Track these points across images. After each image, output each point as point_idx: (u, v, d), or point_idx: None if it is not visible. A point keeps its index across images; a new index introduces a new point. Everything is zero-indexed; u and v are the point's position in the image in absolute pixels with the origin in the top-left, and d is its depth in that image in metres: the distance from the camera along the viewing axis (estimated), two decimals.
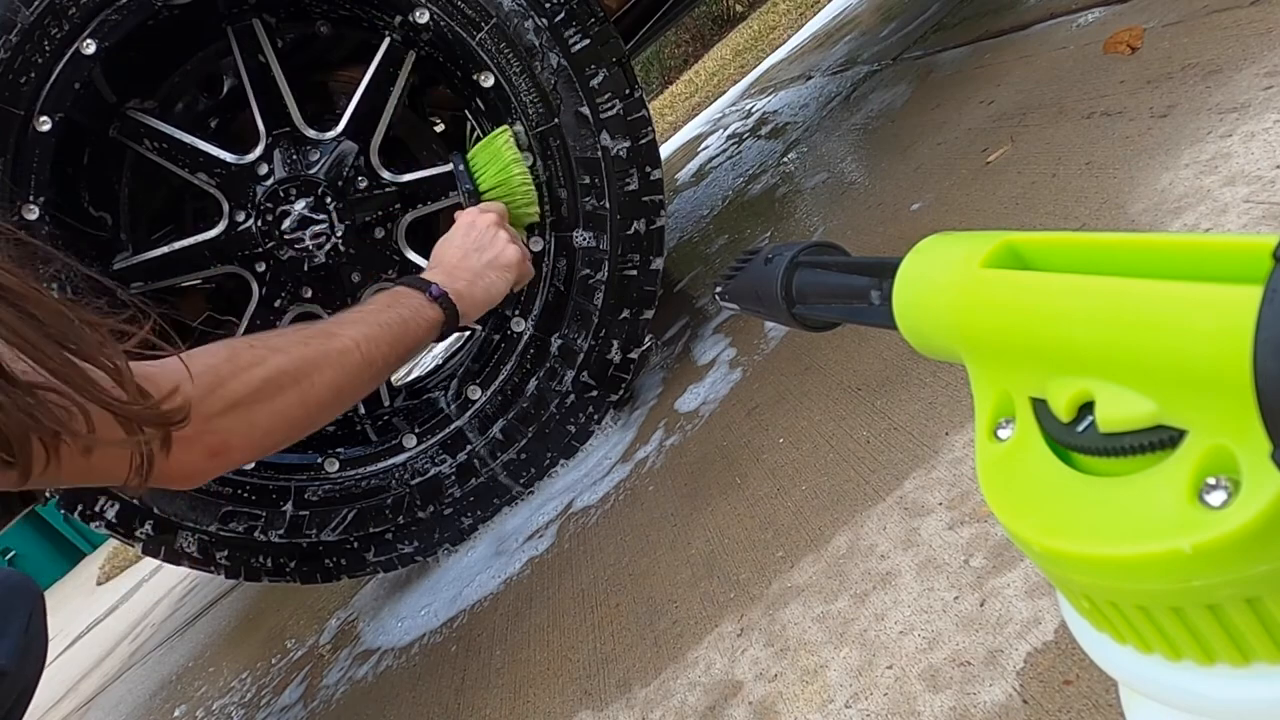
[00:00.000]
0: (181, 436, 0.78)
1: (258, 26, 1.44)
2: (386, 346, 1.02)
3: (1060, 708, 0.58)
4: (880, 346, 1.12)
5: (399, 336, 1.05)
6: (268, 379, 0.88)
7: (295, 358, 0.92)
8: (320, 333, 0.98)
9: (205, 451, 0.83)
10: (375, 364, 1.00)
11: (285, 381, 0.90)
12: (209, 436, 0.82)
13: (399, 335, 1.05)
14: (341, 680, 1.47)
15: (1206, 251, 0.26)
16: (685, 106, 5.63)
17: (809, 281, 0.44)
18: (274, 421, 0.89)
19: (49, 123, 1.31)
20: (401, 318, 1.06)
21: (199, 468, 0.83)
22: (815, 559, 0.87)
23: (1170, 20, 1.34)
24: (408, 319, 1.07)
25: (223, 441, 0.84)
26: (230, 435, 0.84)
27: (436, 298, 1.12)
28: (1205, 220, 0.90)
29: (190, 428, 0.78)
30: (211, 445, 0.83)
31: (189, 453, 0.81)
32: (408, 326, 1.06)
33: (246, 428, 0.86)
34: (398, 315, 1.06)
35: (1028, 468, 0.30)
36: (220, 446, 0.84)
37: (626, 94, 1.40)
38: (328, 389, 0.94)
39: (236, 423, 0.85)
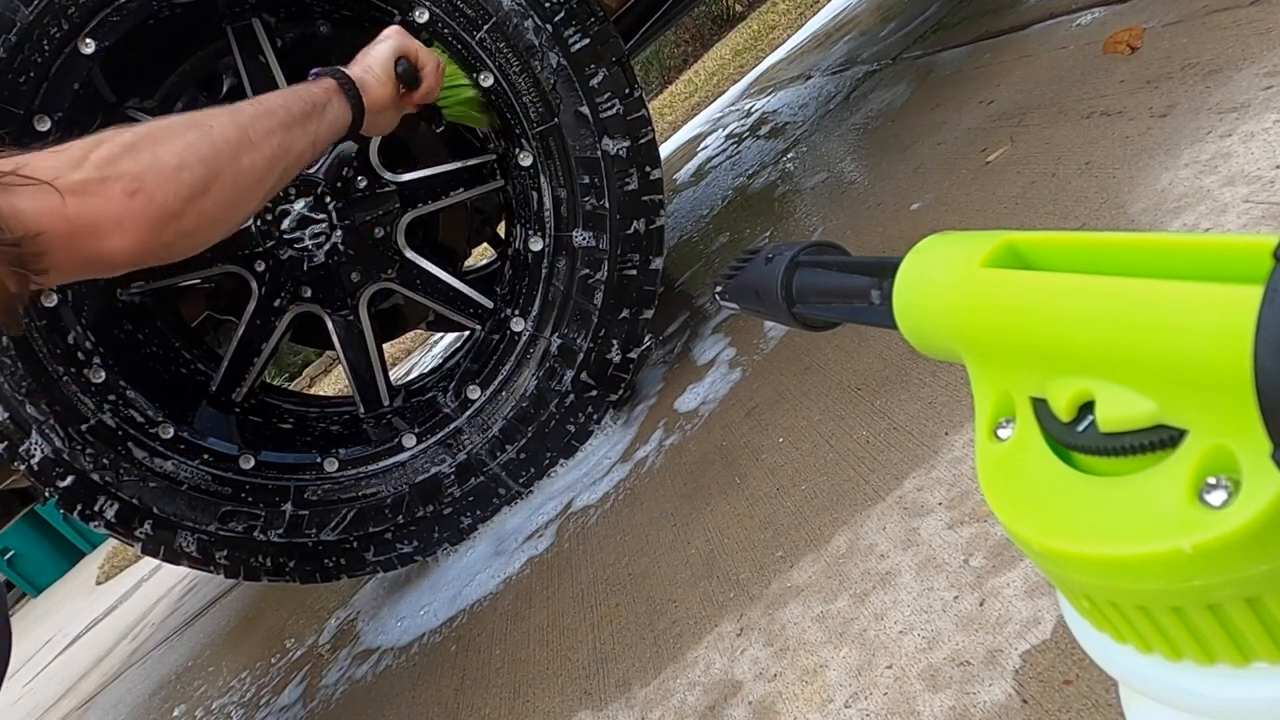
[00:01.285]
0: (85, 185, 0.78)
1: (257, 26, 1.44)
2: (281, 99, 1.03)
3: (1060, 707, 0.58)
4: (880, 346, 1.12)
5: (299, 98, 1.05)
6: (155, 125, 0.88)
7: (180, 116, 0.92)
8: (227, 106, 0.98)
9: (120, 193, 0.81)
10: (274, 113, 1.00)
11: (177, 124, 0.89)
12: (114, 182, 0.81)
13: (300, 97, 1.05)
14: (341, 680, 1.47)
15: (1206, 251, 0.26)
16: (685, 106, 5.63)
17: (809, 281, 0.44)
18: (184, 156, 0.87)
19: (48, 122, 1.31)
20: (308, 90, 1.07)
21: (123, 211, 0.81)
22: (815, 559, 0.87)
23: (1170, 20, 1.34)
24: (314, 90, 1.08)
25: (134, 180, 0.82)
26: (140, 174, 0.83)
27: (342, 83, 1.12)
28: (1205, 220, 0.90)
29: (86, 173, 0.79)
30: (123, 187, 0.81)
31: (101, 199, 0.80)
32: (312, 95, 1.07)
33: (155, 165, 0.84)
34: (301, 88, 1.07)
35: (1028, 467, 0.30)
36: (133, 185, 0.82)
37: (626, 93, 1.40)
38: (231, 129, 0.93)
39: (138, 162, 0.84)
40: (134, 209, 0.82)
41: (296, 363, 8.38)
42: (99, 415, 1.39)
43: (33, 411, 1.36)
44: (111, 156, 0.82)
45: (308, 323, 1.56)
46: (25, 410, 1.35)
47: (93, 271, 0.85)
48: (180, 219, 0.86)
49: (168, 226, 0.85)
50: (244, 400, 1.55)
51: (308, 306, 1.52)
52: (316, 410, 1.68)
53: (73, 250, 0.79)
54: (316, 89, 1.09)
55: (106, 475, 1.40)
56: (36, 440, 1.36)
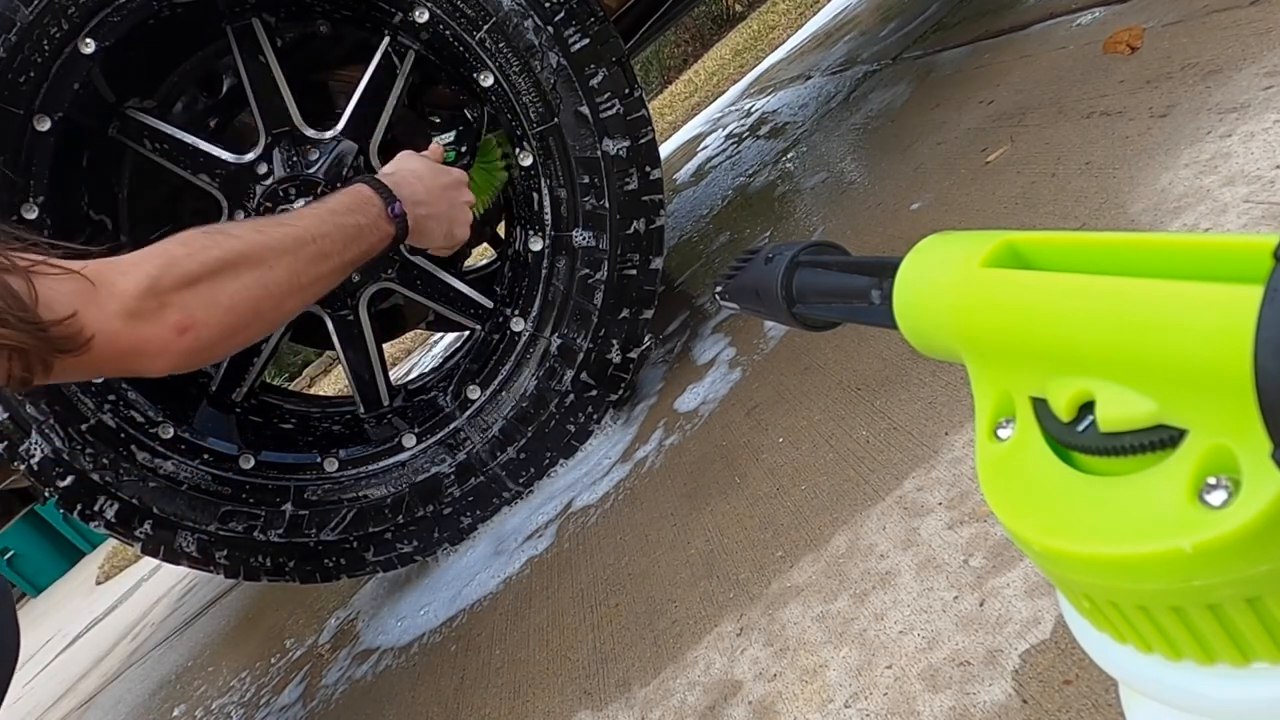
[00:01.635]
0: (143, 311, 0.83)
1: (257, 26, 1.44)
2: (340, 245, 1.05)
3: (1060, 707, 0.58)
4: (880, 346, 1.12)
5: (352, 239, 1.07)
6: (224, 259, 0.91)
7: (251, 242, 0.95)
8: (276, 222, 1.02)
9: (172, 327, 0.86)
10: (330, 259, 1.03)
11: (242, 262, 0.93)
12: (171, 312, 0.86)
13: (353, 238, 1.07)
14: (341, 680, 1.47)
15: (1206, 251, 0.26)
16: (685, 106, 5.63)
17: (809, 281, 0.44)
18: (236, 300, 0.92)
19: (48, 122, 1.31)
20: (359, 224, 1.09)
21: (169, 344, 0.86)
22: (815, 559, 0.87)
23: (1170, 20, 1.34)
24: (364, 226, 1.09)
25: (188, 317, 0.87)
26: (194, 311, 0.88)
27: (396, 217, 1.14)
28: (1205, 220, 0.90)
29: (150, 302, 0.84)
30: (177, 321, 0.86)
31: (155, 327, 0.85)
32: (362, 233, 1.09)
33: (209, 304, 0.89)
34: (355, 221, 1.08)
35: (1028, 467, 0.30)
36: (186, 322, 0.87)
37: (626, 93, 1.40)
38: (286, 273, 0.97)
39: (197, 299, 0.88)
40: (180, 343, 0.88)
41: (296, 363, 8.38)
42: (99, 415, 1.39)
43: (32, 411, 1.36)
44: (175, 287, 0.87)
45: (307, 322, 1.56)
46: (25, 410, 1.35)
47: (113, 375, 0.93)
48: (213, 350, 0.92)
49: (199, 356, 0.91)
50: (244, 400, 1.55)
51: (308, 307, 1.52)
52: (318, 410, 1.68)
53: (110, 363, 0.84)
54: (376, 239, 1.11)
55: (106, 475, 1.40)
56: (36, 440, 1.36)
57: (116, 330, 0.82)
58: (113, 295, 0.82)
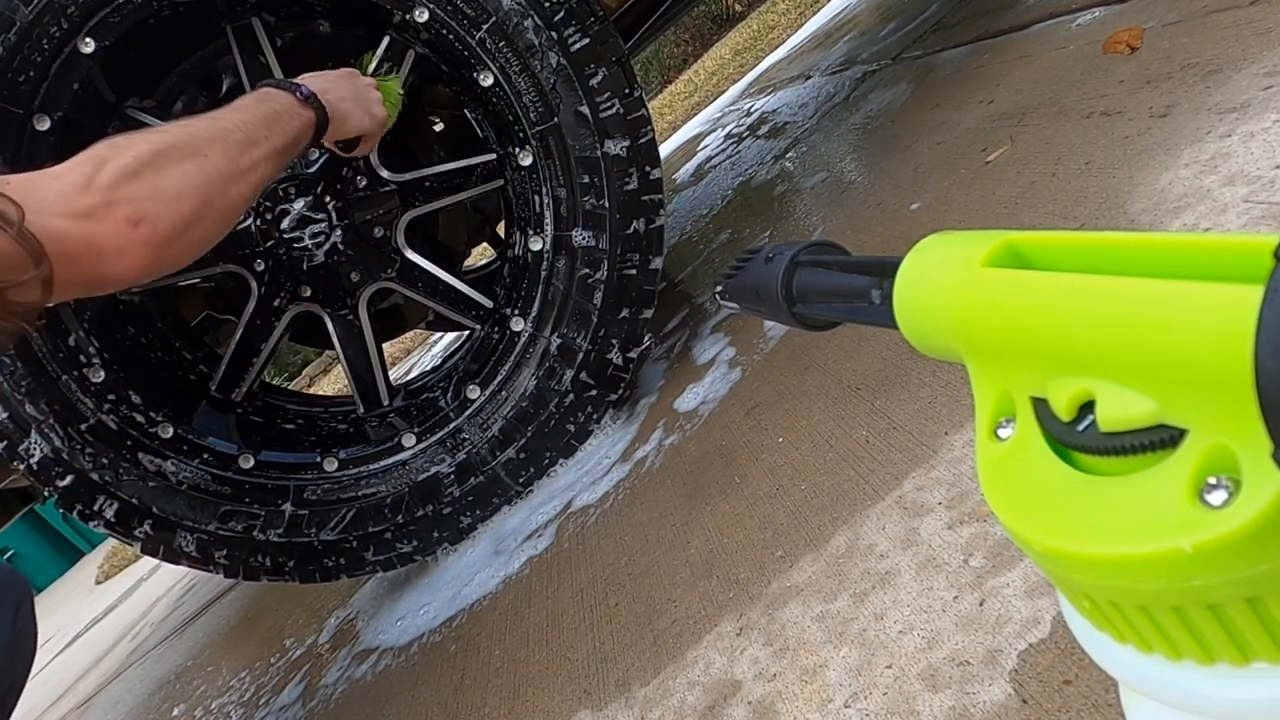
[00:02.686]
0: (90, 209, 0.81)
1: (257, 25, 1.44)
2: (264, 129, 1.05)
3: (1060, 707, 0.58)
4: (880, 346, 1.12)
5: (273, 122, 1.07)
6: (155, 150, 0.90)
7: (177, 135, 0.94)
8: (194, 119, 1.01)
9: (124, 221, 0.84)
10: (259, 144, 1.03)
11: (174, 152, 0.92)
12: (119, 207, 0.84)
13: (273, 121, 1.07)
14: (340, 679, 1.47)
15: (1207, 251, 0.26)
16: (684, 106, 5.63)
17: (809, 281, 0.44)
18: (181, 186, 0.90)
19: (47, 121, 1.31)
20: (274, 110, 1.09)
21: (126, 239, 0.84)
22: (814, 558, 0.87)
23: (1170, 20, 1.34)
24: (280, 112, 1.09)
25: (137, 209, 0.85)
26: (142, 203, 0.86)
27: (306, 98, 1.14)
28: (1205, 220, 0.90)
29: (93, 198, 0.82)
30: (127, 215, 0.84)
31: (105, 224, 0.82)
32: (280, 117, 1.09)
33: (154, 194, 0.87)
34: (270, 108, 1.09)
35: (1028, 467, 0.30)
36: (136, 215, 0.85)
37: (626, 93, 1.40)
38: (222, 159, 0.96)
39: (140, 190, 0.86)
40: (136, 236, 0.85)
41: (296, 362, 8.38)
42: (99, 415, 1.39)
43: (32, 411, 1.36)
44: (115, 181, 0.85)
45: (307, 322, 1.56)
46: (25, 409, 1.35)
47: (89, 291, 0.88)
48: (174, 245, 0.90)
49: (163, 253, 0.88)
50: (244, 400, 1.55)
51: (307, 306, 1.52)
52: (319, 410, 1.68)
53: (75, 271, 0.81)
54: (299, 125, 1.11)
55: (106, 475, 1.40)
56: (36, 439, 1.36)
57: (65, 231, 0.79)
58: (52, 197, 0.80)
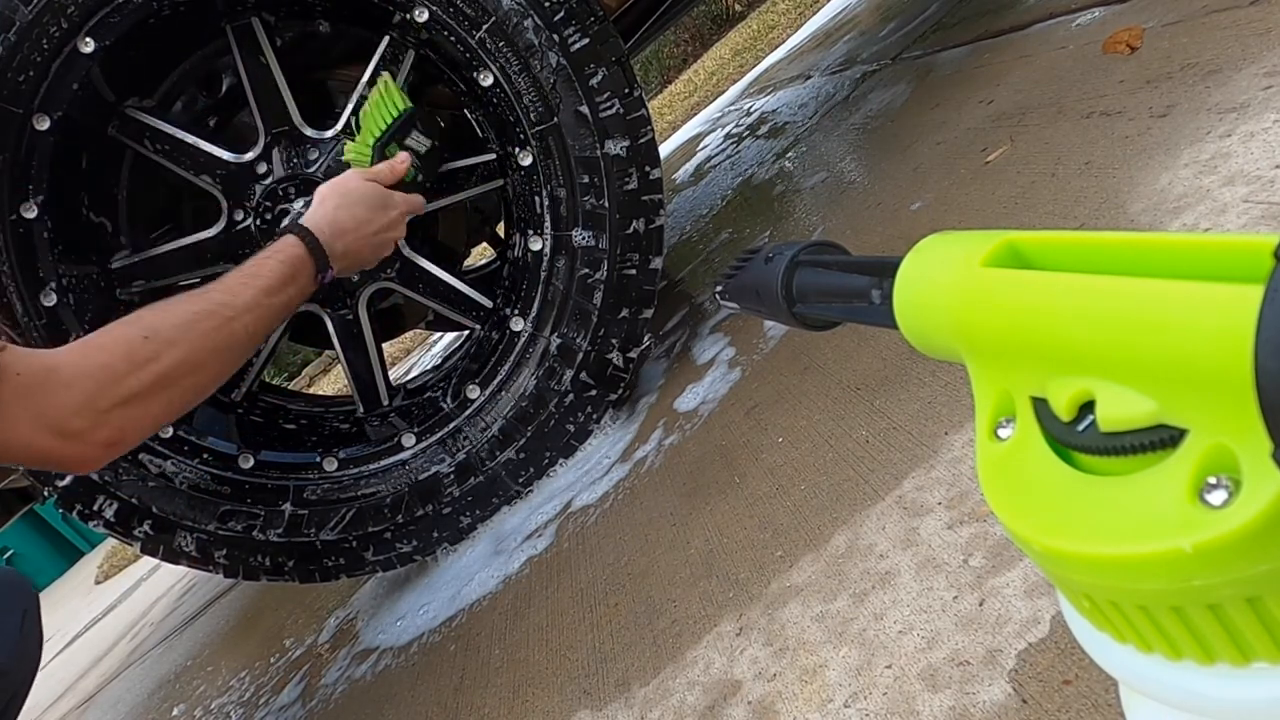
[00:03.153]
0: (76, 431, 0.83)
1: (257, 25, 1.44)
2: (271, 326, 1.07)
3: (1059, 707, 0.58)
4: (879, 346, 1.12)
5: (283, 314, 1.09)
6: (164, 375, 0.91)
7: (192, 350, 0.95)
8: (217, 316, 1.00)
9: (102, 444, 0.86)
10: (258, 339, 1.04)
11: (181, 375, 0.93)
12: (105, 430, 0.86)
13: (283, 313, 1.09)
14: (340, 679, 1.47)
15: (1207, 251, 0.26)
16: (684, 106, 5.63)
17: (809, 281, 0.44)
18: (168, 409, 0.92)
19: (47, 121, 1.31)
20: (290, 299, 1.10)
21: (94, 457, 0.87)
22: (814, 558, 0.87)
23: (1170, 20, 1.34)
24: (293, 299, 1.10)
25: (118, 431, 0.87)
26: (126, 426, 0.88)
27: (324, 284, 1.16)
28: (1205, 220, 0.90)
29: (85, 422, 0.83)
30: (108, 437, 0.86)
31: (83, 445, 0.84)
32: (291, 306, 1.10)
33: (141, 417, 0.89)
34: (288, 296, 1.09)
35: (1028, 467, 0.30)
36: (116, 437, 0.87)
37: (625, 93, 1.40)
38: (218, 369, 0.98)
39: (131, 415, 0.88)
40: (105, 455, 0.88)
41: (296, 362, 8.38)
42: None
43: None
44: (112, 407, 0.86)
45: (307, 322, 1.56)
46: None
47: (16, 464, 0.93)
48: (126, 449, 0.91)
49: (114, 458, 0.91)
50: (243, 400, 1.55)
51: (307, 305, 1.52)
52: (319, 410, 1.68)
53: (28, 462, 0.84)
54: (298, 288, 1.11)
55: (105, 475, 1.40)
56: None
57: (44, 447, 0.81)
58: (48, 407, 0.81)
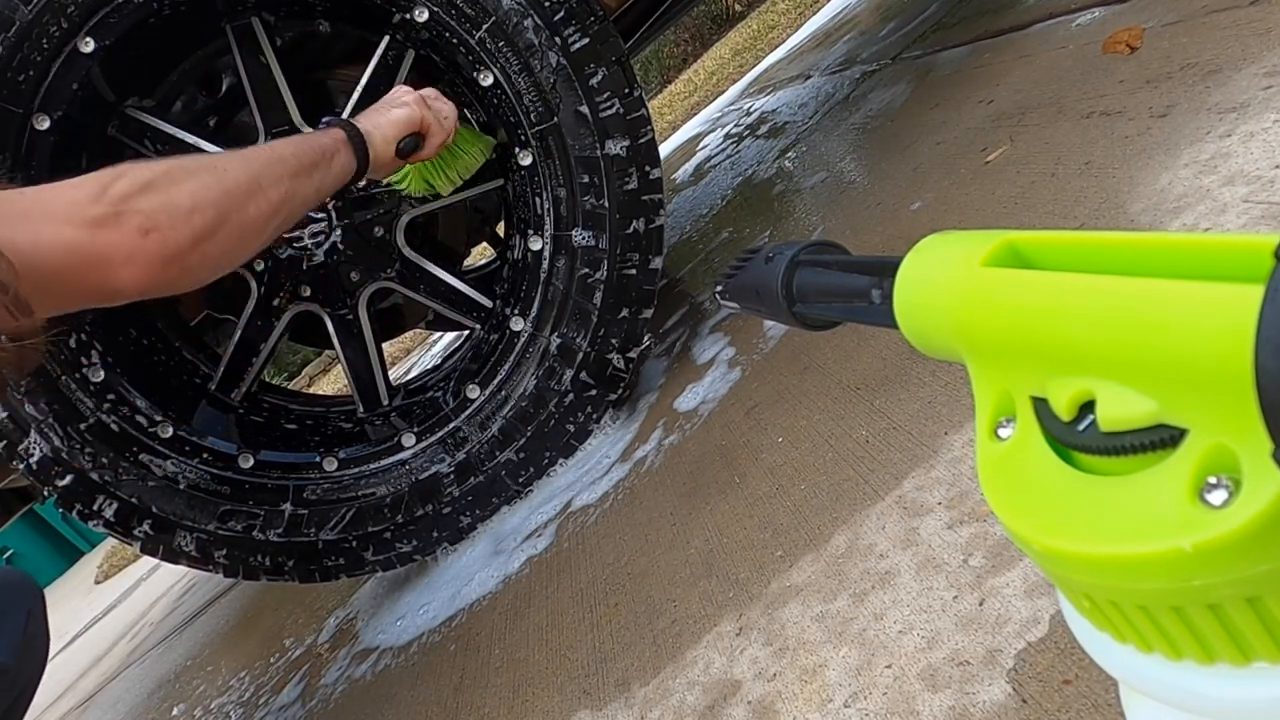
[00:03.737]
0: (102, 218, 0.81)
1: (257, 25, 1.44)
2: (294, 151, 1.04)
3: (1059, 707, 0.58)
4: (879, 346, 1.12)
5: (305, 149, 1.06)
6: (172, 165, 0.90)
7: (196, 158, 0.94)
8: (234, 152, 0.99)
9: (135, 230, 0.83)
10: (285, 161, 1.02)
11: (191, 165, 0.92)
12: (130, 217, 0.83)
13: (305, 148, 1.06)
14: (340, 679, 1.47)
15: (1207, 251, 0.26)
16: (684, 106, 5.63)
17: (809, 280, 0.44)
18: (196, 198, 0.89)
19: (47, 121, 1.31)
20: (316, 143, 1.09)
21: (136, 248, 0.84)
22: (814, 558, 0.87)
23: (1170, 20, 1.34)
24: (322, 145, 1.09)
25: (149, 219, 0.85)
26: (155, 214, 0.85)
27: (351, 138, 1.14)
28: (1204, 220, 0.90)
29: (106, 208, 0.81)
30: (139, 224, 0.84)
31: (116, 233, 0.82)
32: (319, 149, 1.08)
33: (168, 205, 0.87)
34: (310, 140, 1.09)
35: (1028, 467, 0.30)
36: (148, 224, 0.84)
37: (625, 93, 1.40)
38: (242, 175, 0.95)
39: (154, 201, 0.86)
40: (147, 247, 0.84)
41: (296, 362, 8.38)
42: (98, 414, 1.39)
43: (31, 410, 1.35)
44: (128, 193, 0.84)
45: (307, 322, 1.56)
46: (24, 409, 1.35)
47: (96, 302, 0.87)
48: (186, 258, 0.88)
49: (174, 265, 0.87)
50: (243, 399, 1.55)
51: (307, 305, 1.52)
52: (319, 409, 1.68)
53: (82, 281, 0.81)
54: (327, 140, 1.11)
55: (105, 474, 1.40)
56: (35, 439, 1.36)
57: (74, 240, 0.79)
58: (64, 205, 0.80)
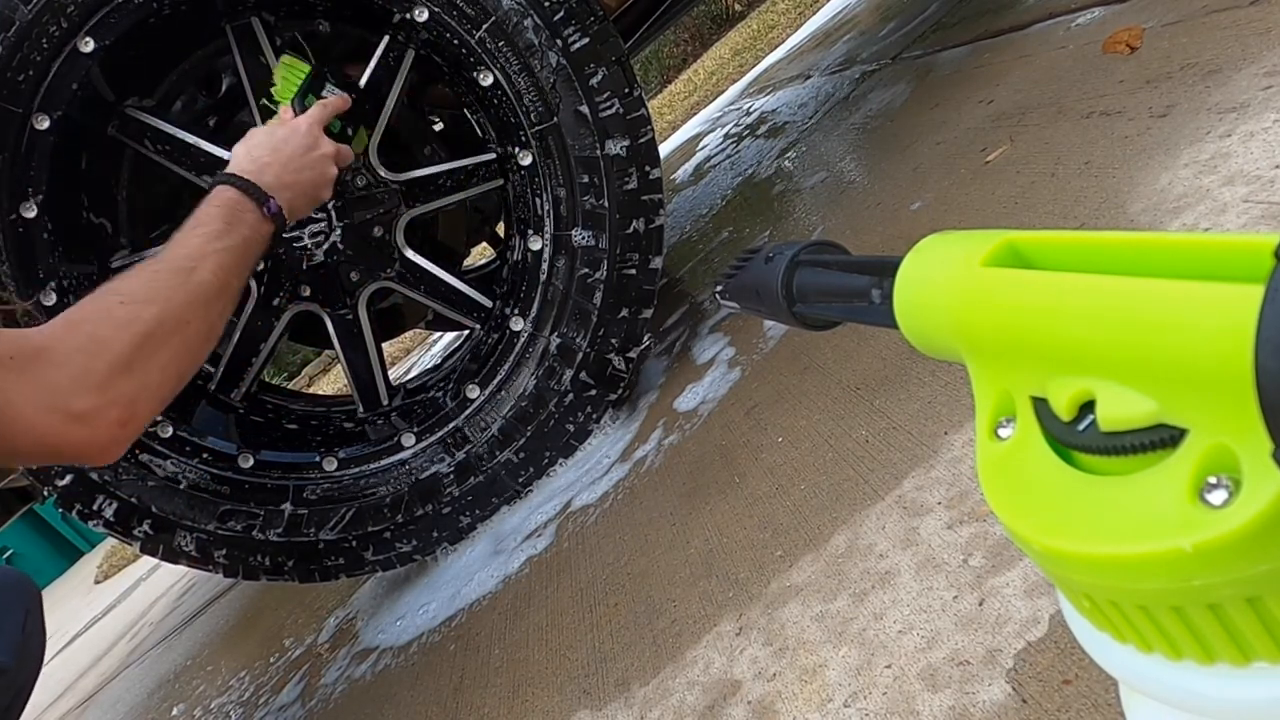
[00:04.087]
0: (85, 412, 0.81)
1: (257, 25, 1.44)
2: (237, 271, 1.04)
3: (1059, 707, 0.58)
4: (879, 346, 1.12)
5: (244, 257, 1.06)
6: (148, 334, 0.89)
7: (167, 305, 0.93)
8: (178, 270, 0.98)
9: (115, 423, 0.84)
10: (230, 289, 1.02)
11: (165, 333, 0.91)
12: (114, 409, 0.84)
13: (244, 257, 1.06)
14: (340, 679, 1.47)
15: (1207, 250, 0.26)
16: (684, 106, 5.63)
17: (810, 280, 0.44)
18: (165, 375, 0.90)
19: (47, 121, 1.31)
20: (245, 239, 1.07)
21: (110, 438, 0.85)
22: (814, 558, 0.87)
23: (1169, 20, 1.34)
24: (249, 239, 1.08)
25: (128, 409, 0.85)
26: (134, 400, 0.86)
27: (273, 215, 1.12)
28: (1204, 220, 0.90)
29: (91, 399, 0.82)
30: (119, 416, 0.85)
31: (98, 429, 0.83)
32: (249, 247, 1.07)
33: (144, 386, 0.87)
34: (241, 237, 1.07)
35: (1028, 467, 0.30)
36: (126, 415, 0.85)
37: (625, 93, 1.40)
38: (202, 325, 0.96)
39: (132, 385, 0.86)
40: (122, 435, 0.86)
41: (295, 362, 8.38)
42: None
43: None
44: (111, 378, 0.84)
45: (307, 322, 1.56)
46: None
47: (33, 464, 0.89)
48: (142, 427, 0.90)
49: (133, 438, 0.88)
50: (243, 399, 1.55)
51: (307, 305, 1.52)
52: (319, 409, 1.68)
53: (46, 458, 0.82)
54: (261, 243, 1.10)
55: (105, 474, 1.40)
56: None
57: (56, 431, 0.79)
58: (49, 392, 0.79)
